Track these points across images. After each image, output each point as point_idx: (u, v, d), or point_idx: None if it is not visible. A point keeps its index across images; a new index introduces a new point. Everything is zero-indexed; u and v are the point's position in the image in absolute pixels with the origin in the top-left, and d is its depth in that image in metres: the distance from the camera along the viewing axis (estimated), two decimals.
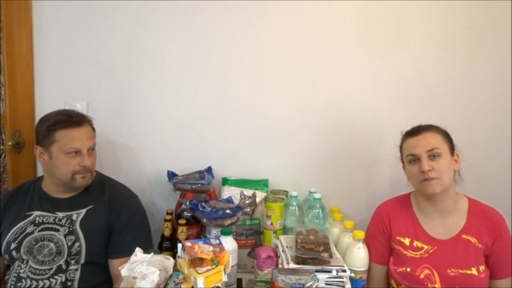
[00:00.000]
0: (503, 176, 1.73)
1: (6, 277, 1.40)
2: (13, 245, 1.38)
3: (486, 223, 1.35)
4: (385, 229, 1.43)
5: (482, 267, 1.32)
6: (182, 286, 1.10)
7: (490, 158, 1.71)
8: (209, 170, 1.71)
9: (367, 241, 1.42)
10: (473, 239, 1.34)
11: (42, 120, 1.42)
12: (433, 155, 1.32)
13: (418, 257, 1.35)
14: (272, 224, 1.52)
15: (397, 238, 1.40)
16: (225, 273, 1.09)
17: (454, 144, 1.38)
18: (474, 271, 1.30)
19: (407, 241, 1.38)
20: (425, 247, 1.36)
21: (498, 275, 1.34)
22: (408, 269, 1.35)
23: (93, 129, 1.48)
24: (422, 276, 1.33)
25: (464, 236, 1.34)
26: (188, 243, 1.14)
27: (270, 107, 1.73)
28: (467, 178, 1.42)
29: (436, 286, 1.31)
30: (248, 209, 1.55)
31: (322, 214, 1.56)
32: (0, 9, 1.66)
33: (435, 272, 1.32)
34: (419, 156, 1.33)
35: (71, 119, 1.40)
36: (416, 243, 1.37)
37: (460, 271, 1.31)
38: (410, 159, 1.37)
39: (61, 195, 1.45)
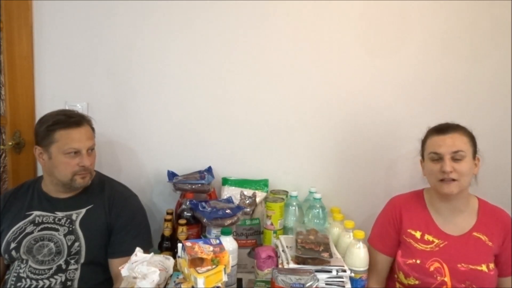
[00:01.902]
0: (503, 176, 1.73)
1: (6, 277, 1.40)
2: (12, 245, 1.38)
3: (496, 223, 1.36)
4: (396, 220, 1.43)
5: (491, 265, 1.33)
6: (182, 286, 1.10)
7: (490, 158, 1.70)
8: (209, 170, 1.70)
9: (375, 231, 1.43)
10: (483, 237, 1.35)
11: (42, 120, 1.42)
12: (456, 157, 1.31)
13: (429, 250, 1.36)
14: (272, 224, 1.52)
15: (408, 230, 1.40)
16: (225, 273, 1.09)
17: (477, 148, 1.38)
18: (484, 267, 1.31)
19: (418, 234, 1.39)
20: (436, 241, 1.37)
21: (503, 273, 1.36)
22: (418, 261, 1.35)
23: (93, 129, 1.48)
24: (432, 268, 1.33)
25: (475, 233, 1.36)
26: (188, 243, 1.14)
27: (270, 107, 1.72)
28: None
29: (445, 279, 1.32)
30: (248, 209, 1.55)
31: (322, 214, 1.55)
32: (0, 9, 1.66)
33: (445, 265, 1.33)
34: (442, 156, 1.32)
35: (70, 119, 1.40)
36: (427, 237, 1.38)
37: (470, 266, 1.31)
38: (432, 157, 1.36)
39: (60, 195, 1.45)
